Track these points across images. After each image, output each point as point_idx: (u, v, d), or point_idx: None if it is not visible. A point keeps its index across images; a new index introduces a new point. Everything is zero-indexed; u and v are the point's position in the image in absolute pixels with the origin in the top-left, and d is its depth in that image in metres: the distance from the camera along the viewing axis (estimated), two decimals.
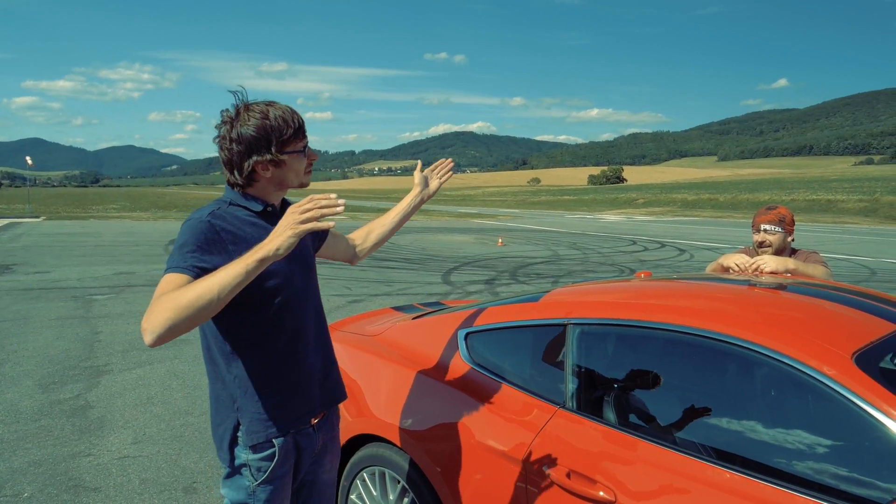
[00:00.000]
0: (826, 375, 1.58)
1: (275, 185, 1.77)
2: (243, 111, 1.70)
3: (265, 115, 1.69)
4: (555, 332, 2.17)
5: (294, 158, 1.75)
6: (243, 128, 1.67)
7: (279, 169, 1.74)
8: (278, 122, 1.70)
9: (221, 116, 1.71)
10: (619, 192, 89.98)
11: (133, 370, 5.63)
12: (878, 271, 13.67)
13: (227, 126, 1.70)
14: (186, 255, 1.57)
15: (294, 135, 1.73)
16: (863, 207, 43.60)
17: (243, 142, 1.68)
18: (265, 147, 1.69)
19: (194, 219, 1.66)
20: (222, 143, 1.71)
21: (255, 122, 1.68)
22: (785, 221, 3.09)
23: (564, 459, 1.88)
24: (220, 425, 1.80)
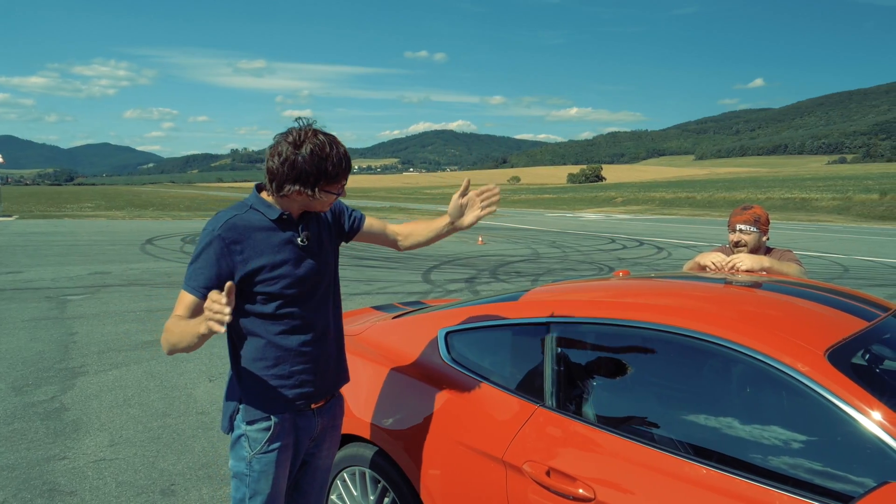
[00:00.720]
0: (800, 372, 1.60)
1: (300, 205, 1.94)
2: (309, 137, 1.81)
3: (325, 154, 1.82)
4: (534, 331, 2.18)
5: (329, 196, 1.91)
6: (301, 158, 1.80)
7: (309, 199, 1.88)
8: (333, 164, 1.83)
9: (289, 132, 1.82)
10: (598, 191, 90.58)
11: (109, 371, 5.56)
12: (851, 268, 13.92)
13: (289, 146, 1.80)
14: (199, 272, 1.82)
15: (341, 175, 1.88)
16: (836, 206, 44.34)
17: (296, 169, 1.80)
18: (311, 182, 1.83)
19: (209, 230, 1.85)
20: (276, 156, 1.81)
21: (314, 158, 1.80)
22: (760, 221, 3.14)
23: (544, 457, 1.89)
24: (229, 399, 2.00)
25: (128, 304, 8.60)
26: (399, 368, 2.47)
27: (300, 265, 1.93)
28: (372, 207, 50.92)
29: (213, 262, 1.82)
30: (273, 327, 1.92)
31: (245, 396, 1.95)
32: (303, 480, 2.16)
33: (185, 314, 1.80)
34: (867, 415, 1.51)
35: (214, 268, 1.81)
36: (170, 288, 9.87)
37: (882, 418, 1.49)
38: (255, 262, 1.85)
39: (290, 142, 1.81)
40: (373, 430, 2.38)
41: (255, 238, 1.87)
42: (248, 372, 1.94)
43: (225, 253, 1.82)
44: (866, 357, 1.75)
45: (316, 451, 2.13)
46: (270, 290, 1.88)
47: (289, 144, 1.81)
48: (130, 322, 7.50)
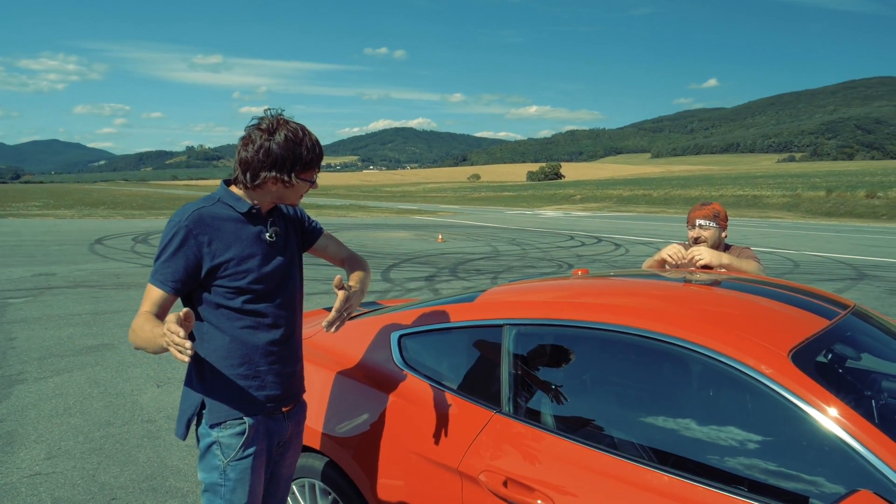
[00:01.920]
0: (763, 374, 1.55)
1: (272, 197, 1.89)
2: (281, 124, 1.79)
3: (299, 139, 1.80)
4: (490, 334, 2.09)
5: (303, 184, 1.87)
6: (275, 144, 1.77)
7: (285, 188, 1.85)
8: (307, 148, 1.81)
9: (258, 121, 1.80)
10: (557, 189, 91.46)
11: (49, 378, 5.29)
12: (801, 263, 14.26)
13: (263, 135, 1.78)
14: (166, 265, 1.77)
15: (315, 162, 1.86)
16: (786, 202, 45.60)
17: (271, 155, 1.77)
18: (287, 168, 1.80)
19: (175, 222, 1.79)
20: (249, 145, 1.79)
21: (289, 144, 1.78)
22: (719, 217, 3.12)
23: (501, 467, 1.80)
24: (186, 400, 1.89)
25: (73, 306, 8.25)
26: (351, 374, 2.35)
27: (268, 261, 1.89)
28: (332, 205, 50.37)
29: (180, 253, 1.77)
30: (239, 323, 1.85)
31: (209, 397, 1.85)
32: (265, 490, 2.04)
33: (152, 310, 1.75)
34: (832, 417, 1.46)
35: (182, 260, 1.77)
36: (119, 289, 9.52)
37: (847, 421, 1.44)
38: (222, 254, 1.81)
39: (262, 129, 1.78)
40: (323, 440, 2.26)
41: (223, 230, 1.82)
42: (213, 370, 1.84)
43: (192, 244, 1.78)
44: (829, 357, 1.71)
45: (280, 458, 2.04)
46: (237, 285, 1.83)
47: (261, 132, 1.78)
48: (75, 326, 7.18)
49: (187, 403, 1.89)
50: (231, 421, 1.84)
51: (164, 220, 26.98)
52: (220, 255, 1.80)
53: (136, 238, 18.41)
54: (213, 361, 1.85)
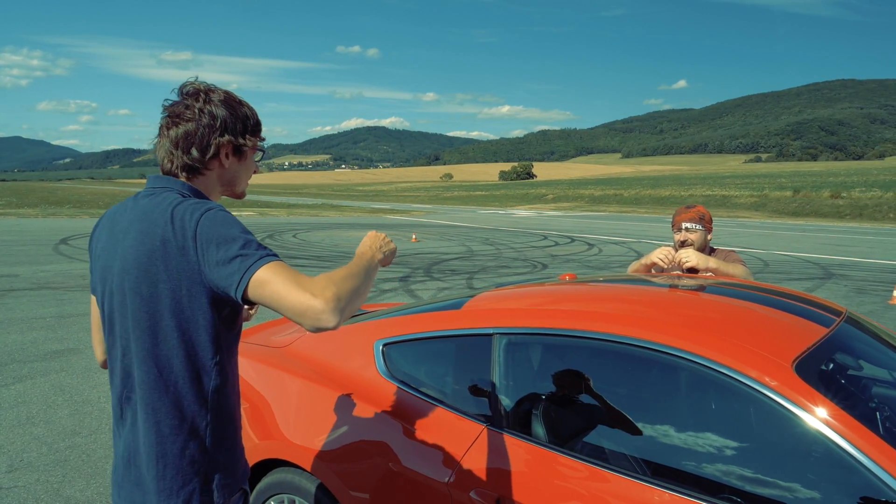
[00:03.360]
0: (767, 386, 1.50)
1: (223, 182, 1.56)
2: (212, 89, 1.51)
3: (237, 100, 1.54)
4: (479, 343, 2.01)
5: (251, 157, 1.59)
6: (215, 106, 1.48)
7: (239, 162, 1.55)
8: (249, 109, 1.56)
9: (189, 91, 1.50)
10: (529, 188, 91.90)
11: (11, 386, 5.07)
12: (771, 263, 14.47)
13: (199, 100, 1.48)
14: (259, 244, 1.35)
15: (259, 128, 1.58)
16: (753, 202, 46.41)
17: (216, 118, 1.48)
18: (239, 130, 1.51)
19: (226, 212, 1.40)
20: (183, 118, 1.46)
21: (230, 103, 1.51)
22: (705, 219, 3.09)
23: (493, 483, 1.73)
24: (180, 491, 1.40)
25: (37, 309, 7.97)
26: (331, 384, 2.25)
27: None
28: (303, 205, 49.90)
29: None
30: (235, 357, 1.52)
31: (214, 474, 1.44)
32: None
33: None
34: (839, 430, 1.41)
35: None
36: (85, 291, 9.24)
37: (854, 433, 1.40)
38: None
39: (193, 94, 1.49)
40: (303, 455, 2.16)
41: None
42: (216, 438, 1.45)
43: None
44: (830, 366, 1.67)
45: None
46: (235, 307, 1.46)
47: (195, 97, 1.49)
48: (39, 330, 6.93)
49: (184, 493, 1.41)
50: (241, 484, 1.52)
51: None
52: None
53: None
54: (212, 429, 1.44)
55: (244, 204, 46.47)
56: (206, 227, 1.34)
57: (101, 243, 1.51)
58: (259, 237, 20.11)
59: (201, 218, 1.35)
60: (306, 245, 17.08)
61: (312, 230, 22.86)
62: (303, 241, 18.14)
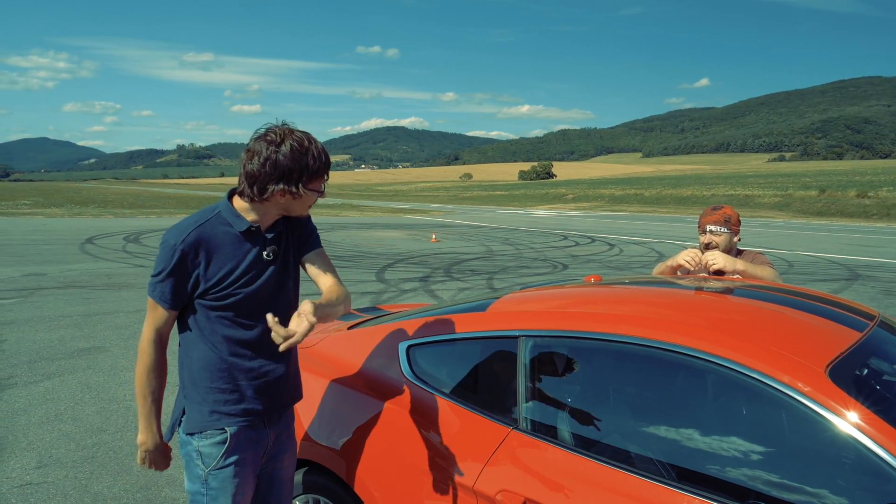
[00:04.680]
0: (800, 392, 1.47)
1: (280, 209, 1.86)
2: (287, 134, 1.75)
3: (304, 149, 1.75)
4: (505, 345, 2.00)
5: (311, 195, 1.83)
6: (281, 156, 1.73)
7: (294, 200, 1.81)
8: (314, 157, 1.77)
9: (264, 133, 1.76)
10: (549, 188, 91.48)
11: (40, 383, 5.16)
12: (795, 264, 14.27)
13: (269, 147, 1.73)
14: (164, 283, 1.78)
15: (322, 171, 1.81)
16: (777, 202, 45.79)
17: (278, 168, 1.73)
18: (295, 179, 1.76)
19: (170, 243, 1.76)
20: (254, 157, 1.74)
21: (295, 154, 1.74)
22: (731, 222, 3.04)
23: (519, 487, 1.72)
24: (175, 405, 1.94)
25: (64, 307, 8.11)
26: (356, 386, 2.26)
27: (262, 279, 1.86)
28: (324, 205, 50.16)
29: (177, 274, 1.77)
30: (226, 339, 1.85)
31: (188, 405, 1.88)
32: (270, 496, 2.04)
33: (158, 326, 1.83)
34: (874, 437, 1.38)
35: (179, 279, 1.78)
36: (110, 290, 9.38)
37: (890, 440, 1.37)
38: (216, 274, 1.79)
39: (268, 141, 1.74)
40: (329, 456, 2.17)
41: (219, 249, 1.80)
42: (192, 380, 1.88)
43: (187, 266, 1.77)
44: (865, 371, 1.64)
45: (276, 464, 2.03)
46: (229, 302, 1.82)
47: (267, 143, 1.74)
48: (66, 328, 7.05)
49: (175, 408, 1.95)
50: (211, 431, 1.85)
51: (155, 219, 26.79)
52: (215, 275, 1.79)
53: (128, 237, 18.21)
54: (194, 371, 1.87)
55: None
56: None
57: None
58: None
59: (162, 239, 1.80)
60: (327, 245, 17.17)
61: (333, 230, 22.97)
62: (323, 241, 18.11)
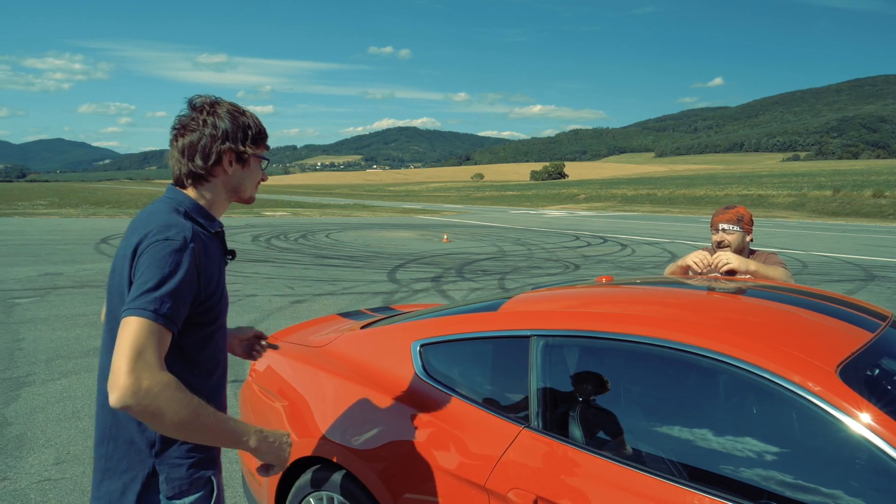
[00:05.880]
0: (811, 392, 1.48)
1: (229, 188, 1.67)
2: (217, 102, 1.64)
3: (240, 111, 1.66)
4: (517, 345, 2.02)
5: (257, 164, 1.70)
6: (218, 118, 1.61)
7: (242, 169, 1.66)
8: (251, 119, 1.67)
9: (192, 105, 1.63)
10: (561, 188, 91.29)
11: (58, 381, 5.23)
12: (809, 264, 14.16)
13: (202, 112, 1.61)
14: (175, 298, 1.40)
15: (263, 137, 1.70)
16: (791, 202, 45.44)
17: (219, 128, 1.60)
18: (240, 138, 1.62)
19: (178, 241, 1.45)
20: (191, 125, 1.60)
21: (233, 115, 1.63)
22: (743, 221, 3.04)
23: (531, 485, 1.73)
24: (122, 474, 1.51)
25: (80, 307, 8.20)
26: (369, 384, 2.29)
27: (224, 288, 1.65)
28: (336, 205, 50.34)
29: (186, 284, 1.44)
30: (196, 363, 1.59)
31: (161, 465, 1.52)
32: None
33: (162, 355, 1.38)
34: (885, 437, 1.39)
35: (188, 292, 1.45)
36: None
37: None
38: (207, 284, 1.54)
39: (199, 108, 1.61)
40: (341, 452, 2.19)
41: (207, 253, 1.55)
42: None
43: (195, 270, 1.47)
44: (876, 372, 1.64)
45: None
46: (208, 318, 1.58)
47: (199, 111, 1.61)
48: (83, 326, 7.13)
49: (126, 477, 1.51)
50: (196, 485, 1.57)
51: None
52: (207, 285, 1.54)
53: None
54: None
55: (278, 204, 47.07)
56: (147, 253, 1.43)
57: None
58: (293, 237, 20.19)
59: (152, 244, 1.44)
60: (338, 245, 17.23)
61: (344, 230, 23.06)
62: (335, 241, 18.31)
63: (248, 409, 2.77)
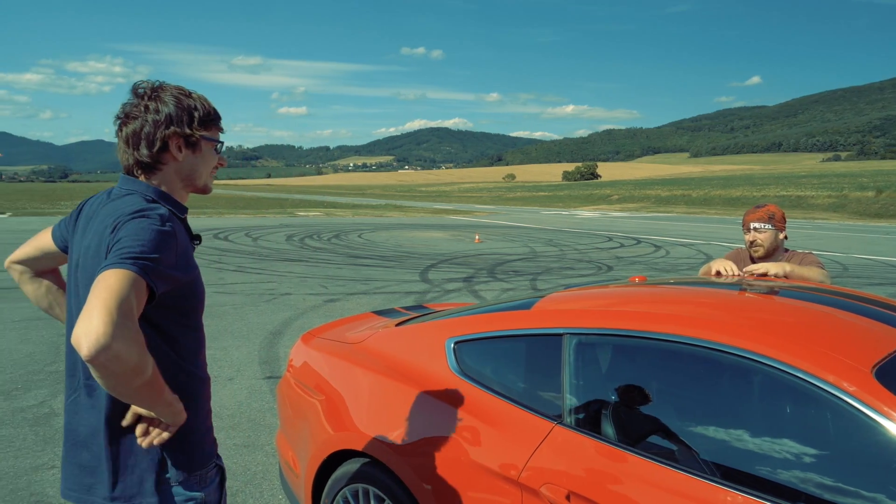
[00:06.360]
0: (846, 392, 1.48)
1: (182, 177, 1.58)
2: (161, 87, 1.54)
3: (186, 93, 1.56)
4: (550, 343, 2.05)
5: (209, 148, 1.60)
6: (161, 103, 1.51)
7: (193, 154, 1.57)
8: (198, 101, 1.57)
9: (137, 89, 1.53)
10: (593, 189, 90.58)
11: None
12: (850, 267, 13.85)
13: (144, 98, 1.52)
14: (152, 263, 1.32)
15: (213, 119, 1.59)
16: (831, 203, 44.40)
17: (161, 113, 1.50)
18: (186, 121, 1.53)
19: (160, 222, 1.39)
20: (133, 112, 1.51)
21: (178, 99, 1.53)
22: (775, 218, 3.03)
23: (563, 480, 1.76)
24: (134, 468, 1.48)
25: None
26: (404, 380, 2.34)
27: (200, 274, 1.59)
28: (368, 205, 50.72)
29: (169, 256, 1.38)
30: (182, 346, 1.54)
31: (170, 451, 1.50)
32: None
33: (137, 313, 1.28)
34: None
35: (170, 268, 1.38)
36: None
37: None
38: (188, 266, 1.49)
39: (140, 94, 1.52)
40: (376, 446, 2.25)
41: (182, 239, 1.49)
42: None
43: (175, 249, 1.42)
44: None
45: None
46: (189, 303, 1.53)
47: (140, 97, 1.52)
48: None
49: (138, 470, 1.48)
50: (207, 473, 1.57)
51: (206, 218, 27.47)
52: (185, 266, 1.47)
53: None
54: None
55: (311, 204, 47.61)
56: (125, 227, 1.37)
57: (77, 234, 1.58)
58: (326, 237, 20.35)
59: (129, 221, 1.38)
60: (371, 245, 17.39)
61: (377, 230, 23.24)
62: (368, 241, 18.47)
63: (285, 403, 2.85)
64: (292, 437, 2.74)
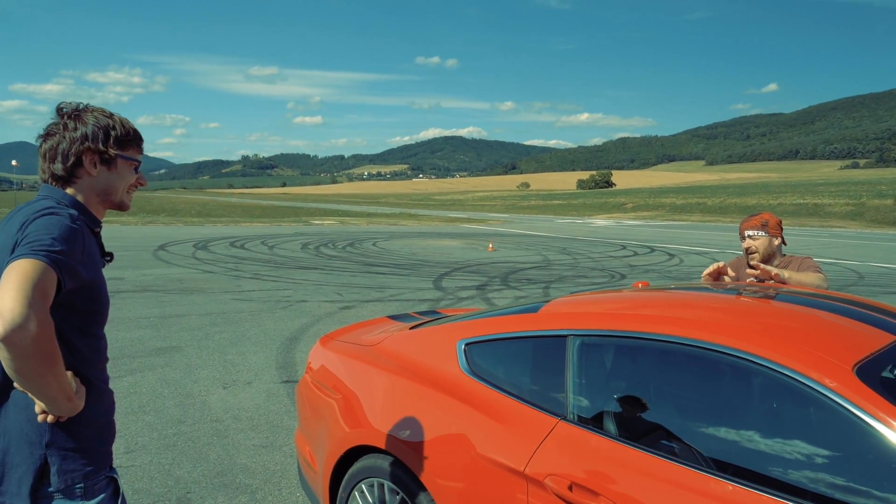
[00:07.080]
0: (827, 388, 1.58)
1: (98, 192, 1.65)
2: (84, 109, 1.64)
3: (107, 114, 1.65)
4: (556, 344, 2.17)
5: (126, 167, 1.68)
6: (81, 123, 1.60)
7: (108, 171, 1.64)
8: (118, 122, 1.65)
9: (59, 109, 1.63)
10: (608, 197, 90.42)
11: (123, 378, 5.58)
12: (866, 275, 13.80)
13: (65, 116, 1.62)
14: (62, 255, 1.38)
15: (132, 139, 1.68)
16: (849, 211, 44.05)
17: (78, 130, 1.59)
18: (101, 139, 1.61)
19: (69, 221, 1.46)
20: (52, 130, 1.60)
21: (97, 118, 1.62)
22: (768, 226, 3.13)
23: (566, 472, 1.88)
24: (16, 468, 1.49)
25: (141, 310, 8.64)
26: (417, 379, 2.47)
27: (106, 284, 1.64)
28: (382, 214, 51.01)
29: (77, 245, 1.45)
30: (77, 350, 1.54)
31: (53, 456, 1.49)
32: None
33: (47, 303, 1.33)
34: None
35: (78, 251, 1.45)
36: (182, 294, 9.92)
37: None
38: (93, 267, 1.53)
39: (64, 113, 1.61)
40: (391, 441, 2.37)
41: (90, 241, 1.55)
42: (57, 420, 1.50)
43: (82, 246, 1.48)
44: (894, 372, 1.73)
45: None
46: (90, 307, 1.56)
47: (63, 115, 1.61)
48: (144, 328, 7.53)
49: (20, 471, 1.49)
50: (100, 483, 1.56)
51: (222, 227, 27.85)
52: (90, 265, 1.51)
53: (197, 244, 19.06)
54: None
55: (326, 213, 47.96)
56: (34, 224, 1.43)
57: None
58: (341, 245, 20.52)
59: (38, 218, 1.45)
60: (385, 253, 17.55)
61: (391, 239, 23.43)
62: (382, 250, 18.64)
63: (304, 403, 2.98)
64: (310, 435, 2.88)
